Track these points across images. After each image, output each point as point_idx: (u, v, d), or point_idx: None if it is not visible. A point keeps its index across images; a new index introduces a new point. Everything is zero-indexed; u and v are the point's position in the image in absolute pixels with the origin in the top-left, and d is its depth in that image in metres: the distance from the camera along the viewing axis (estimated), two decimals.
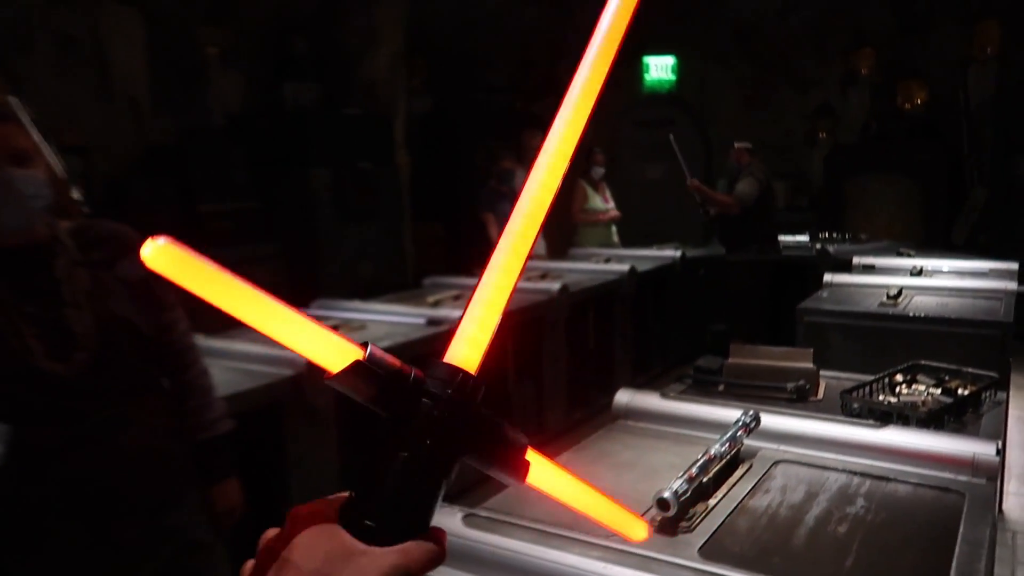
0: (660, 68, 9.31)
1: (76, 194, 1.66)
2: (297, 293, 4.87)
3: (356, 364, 0.52)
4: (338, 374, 0.52)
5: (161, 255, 0.54)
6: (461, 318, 0.57)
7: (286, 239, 5.20)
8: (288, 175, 5.32)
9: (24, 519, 1.61)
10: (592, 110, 0.63)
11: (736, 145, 5.73)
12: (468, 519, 1.47)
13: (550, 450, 2.01)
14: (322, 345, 0.55)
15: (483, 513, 1.51)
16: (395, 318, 3.62)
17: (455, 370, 0.54)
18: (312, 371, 2.71)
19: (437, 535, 0.53)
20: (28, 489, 1.58)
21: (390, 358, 0.53)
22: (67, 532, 1.61)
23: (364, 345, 0.53)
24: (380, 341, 3.23)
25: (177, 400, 1.78)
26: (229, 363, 2.74)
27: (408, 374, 0.53)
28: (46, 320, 1.54)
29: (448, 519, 1.45)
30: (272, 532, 0.52)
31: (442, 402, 0.52)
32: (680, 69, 9.27)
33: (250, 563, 0.52)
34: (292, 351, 0.56)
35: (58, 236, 1.59)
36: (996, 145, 7.35)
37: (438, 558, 0.52)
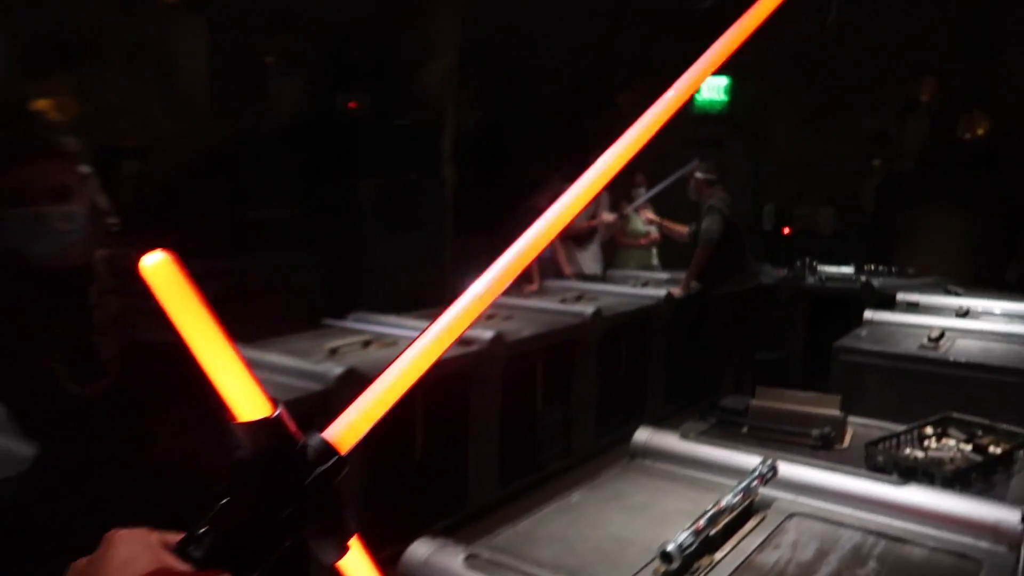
0: (713, 88, 9.22)
1: (113, 226, 1.71)
2: (335, 301, 4.97)
3: (264, 420, 0.58)
4: (244, 423, 0.58)
5: (158, 269, 0.62)
6: (362, 391, 0.65)
7: (327, 247, 5.30)
8: (335, 184, 5.42)
9: (51, 537, 1.66)
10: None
11: (697, 175, 5.37)
12: (470, 560, 1.49)
13: (567, 483, 2.01)
14: (243, 392, 0.62)
15: (486, 554, 1.53)
16: None
17: (330, 450, 0.60)
18: (340, 387, 2.77)
19: None
20: (54, 507, 1.64)
21: (292, 425, 0.59)
22: (94, 548, 1.66)
23: (276, 404, 0.60)
24: None
25: (202, 422, 1.82)
26: (261, 374, 2.79)
27: (297, 442, 0.59)
28: (73, 345, 1.59)
29: (450, 559, 1.47)
30: (84, 560, 0.58)
31: (313, 476, 0.58)
32: (733, 90, 9.17)
33: None
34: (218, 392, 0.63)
35: (92, 264, 1.65)
36: None
37: None
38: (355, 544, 0.64)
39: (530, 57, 8.21)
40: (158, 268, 0.62)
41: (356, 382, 2.83)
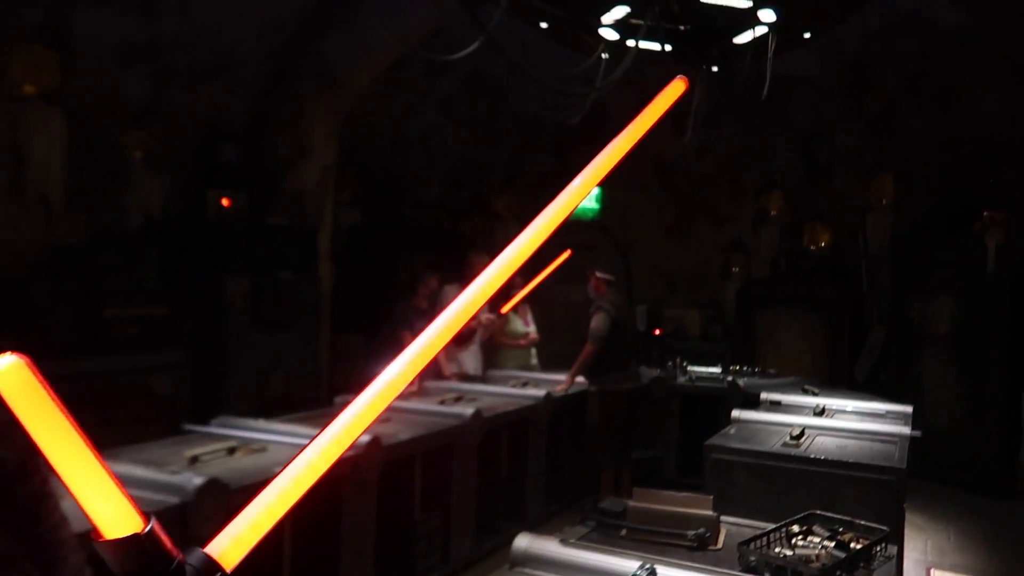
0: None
1: None
2: (200, 404, 4.68)
3: (133, 537, 0.54)
4: (111, 541, 0.53)
5: (9, 374, 0.56)
6: (246, 505, 0.62)
7: (194, 347, 5.03)
8: (202, 282, 5.20)
9: None
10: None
11: (597, 274, 5.56)
12: None
13: None
14: (109, 505, 0.57)
15: None
16: (299, 440, 3.48)
17: (213, 568, 0.56)
18: (201, 500, 2.56)
19: None
20: None
21: (165, 538, 0.55)
22: None
23: (148, 517, 0.56)
24: (279, 466, 3.10)
25: (26, 552, 1.63)
26: None
27: (173, 559, 0.54)
28: None
29: None
30: None
31: None
32: (603, 198, 9.66)
33: None
34: (79, 504, 0.58)
35: None
36: (892, 288, 7.82)
37: None
38: None
39: (408, 160, 8.38)
40: (9, 373, 0.56)
41: (219, 493, 2.63)
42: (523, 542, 2.18)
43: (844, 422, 4.33)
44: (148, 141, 5.62)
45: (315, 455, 0.62)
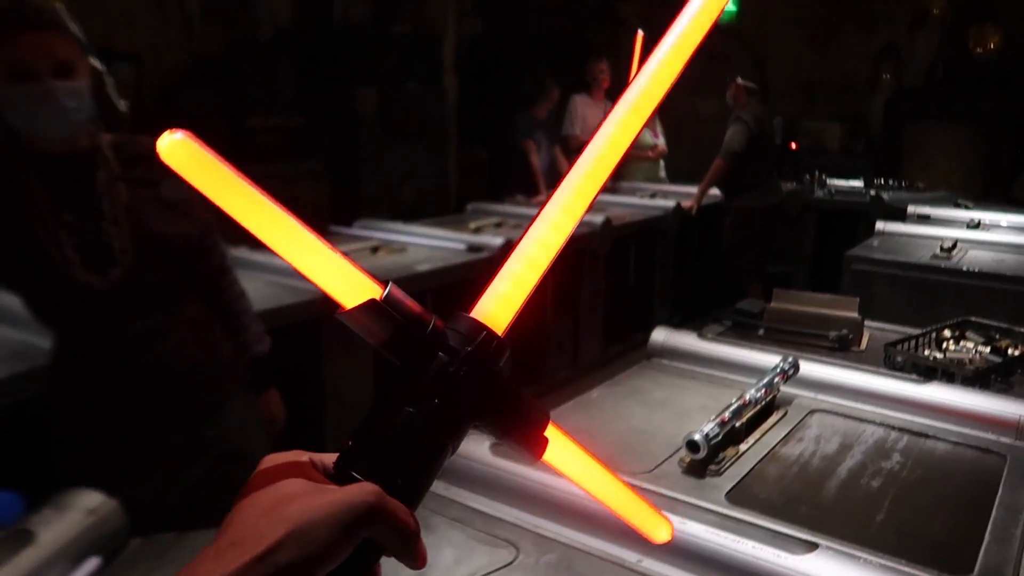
0: None
1: (122, 105, 1.63)
2: (338, 211, 4.90)
3: (371, 303, 0.47)
4: (351, 310, 0.47)
5: (177, 150, 0.51)
6: (498, 270, 0.53)
7: (330, 157, 5.19)
8: (335, 93, 5.27)
9: (70, 423, 1.65)
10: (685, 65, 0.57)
11: (738, 81, 5.17)
12: (495, 447, 1.48)
13: (583, 384, 1.98)
14: (338, 275, 0.50)
15: None
16: (436, 242, 3.62)
17: (478, 326, 0.50)
18: None
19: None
20: (72, 395, 1.62)
21: (410, 302, 0.48)
22: (110, 437, 1.66)
23: (384, 283, 0.49)
24: (420, 264, 3.25)
25: (215, 319, 1.79)
26: (271, 277, 2.78)
27: (427, 322, 0.48)
28: (84, 232, 1.54)
29: (476, 447, 1.46)
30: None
31: (459, 359, 0.48)
32: (740, 2, 8.87)
33: None
34: (306, 278, 0.51)
35: (100, 148, 1.58)
36: None
37: (403, 526, 0.44)
38: (555, 434, 0.54)
39: None
40: (178, 149, 0.51)
41: None
42: (660, 335, 2.20)
43: (1001, 236, 4.04)
44: None
45: (568, 197, 0.53)
